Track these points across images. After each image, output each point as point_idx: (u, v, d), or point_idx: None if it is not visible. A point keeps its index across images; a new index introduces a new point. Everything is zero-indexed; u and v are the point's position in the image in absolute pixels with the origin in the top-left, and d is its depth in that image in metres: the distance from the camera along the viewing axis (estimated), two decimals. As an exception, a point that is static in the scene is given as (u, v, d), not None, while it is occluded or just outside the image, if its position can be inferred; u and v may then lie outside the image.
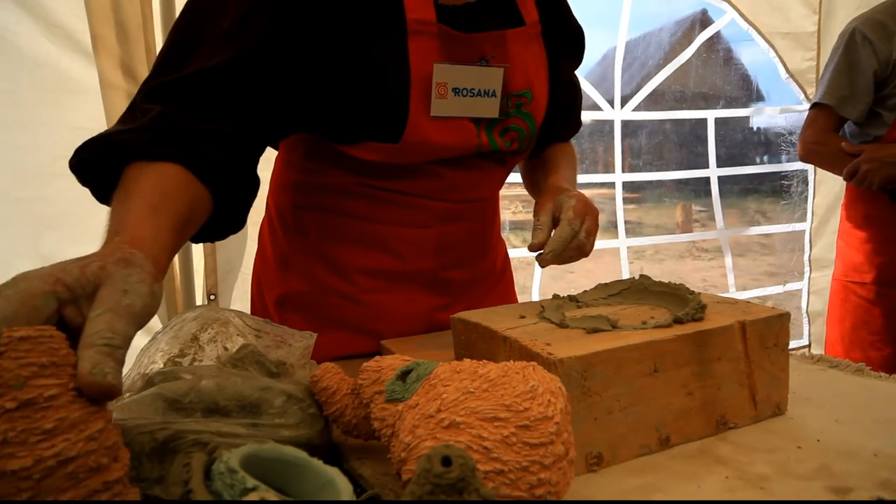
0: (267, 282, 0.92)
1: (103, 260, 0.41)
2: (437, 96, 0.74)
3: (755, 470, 0.48)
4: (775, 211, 2.73)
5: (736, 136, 2.73)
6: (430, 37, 0.73)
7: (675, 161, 2.63)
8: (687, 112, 2.54)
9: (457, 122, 0.77)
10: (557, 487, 0.38)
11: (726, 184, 2.59)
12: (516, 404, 0.39)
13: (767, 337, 0.58)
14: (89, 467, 0.32)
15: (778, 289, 2.67)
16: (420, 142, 0.74)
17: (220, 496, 0.31)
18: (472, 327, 0.63)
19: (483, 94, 0.77)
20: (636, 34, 2.58)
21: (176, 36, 0.67)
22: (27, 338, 0.33)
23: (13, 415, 0.31)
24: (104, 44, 1.27)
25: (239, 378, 0.52)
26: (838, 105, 1.51)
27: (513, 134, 0.83)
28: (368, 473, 0.51)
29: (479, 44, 0.77)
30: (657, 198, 3.22)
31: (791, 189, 2.60)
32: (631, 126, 2.45)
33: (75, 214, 1.32)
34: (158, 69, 0.66)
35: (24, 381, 0.32)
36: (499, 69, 0.78)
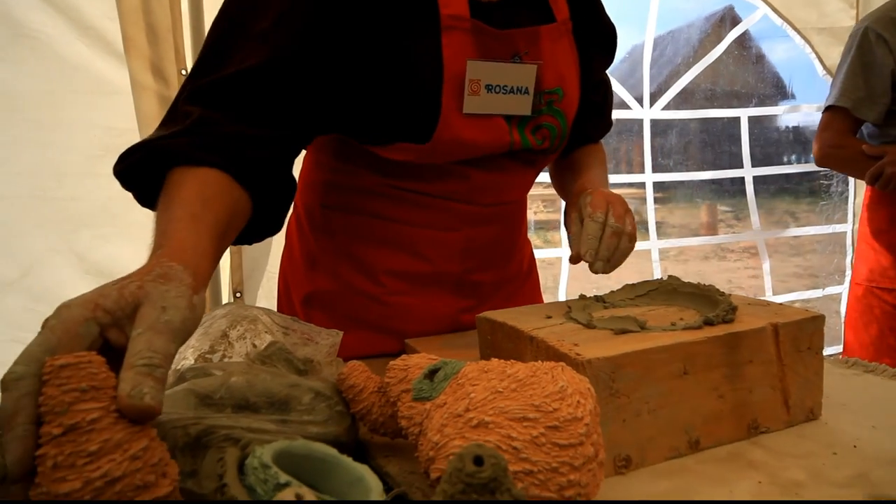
0: (294, 280, 0.93)
1: (141, 279, 0.42)
2: (469, 93, 0.73)
3: (789, 476, 0.47)
4: (813, 212, 2.66)
5: (769, 135, 2.67)
6: (464, 32, 0.73)
7: (705, 161, 2.58)
8: (719, 111, 2.49)
9: (489, 120, 0.76)
10: (587, 489, 0.38)
11: (759, 184, 2.53)
12: (545, 405, 0.39)
13: (801, 340, 0.57)
14: (136, 486, 0.33)
15: (817, 293, 2.60)
16: (451, 140, 0.74)
17: (253, 490, 0.31)
18: (497, 327, 0.62)
19: (516, 91, 0.76)
20: (663, 30, 2.54)
21: (215, 36, 0.68)
22: (67, 365, 0.34)
23: (60, 440, 0.33)
24: (135, 45, 1.30)
25: (268, 375, 0.53)
26: (854, 107, 1.46)
27: (545, 132, 0.82)
28: (395, 471, 0.51)
29: (513, 40, 0.76)
30: (685, 198, 3.17)
31: (830, 189, 2.53)
32: (660, 125, 2.41)
33: (109, 213, 1.35)
34: (198, 70, 0.67)
35: (67, 406, 0.33)
36: (532, 66, 0.77)
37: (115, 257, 1.36)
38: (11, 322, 1.31)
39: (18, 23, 1.26)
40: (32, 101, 1.29)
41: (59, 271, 1.35)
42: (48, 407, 0.34)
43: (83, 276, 1.35)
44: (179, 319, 0.40)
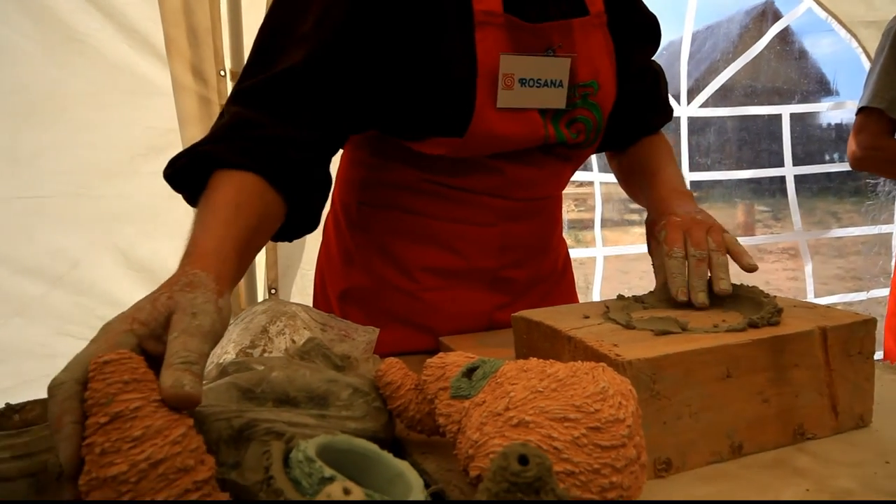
0: (330, 276, 0.94)
1: (170, 290, 0.46)
2: (503, 87, 0.73)
3: (838, 484, 0.46)
4: (857, 212, 2.57)
5: (812, 132, 2.58)
6: (497, 27, 0.73)
7: (744, 159, 2.52)
8: (759, 108, 2.42)
9: (523, 114, 0.76)
10: (629, 492, 0.37)
11: (801, 183, 2.45)
12: (587, 405, 0.38)
13: (851, 344, 0.55)
14: (177, 468, 0.35)
15: (860, 296, 2.51)
16: (486, 133, 0.74)
17: (298, 484, 0.32)
18: (534, 326, 0.62)
19: (550, 84, 0.76)
20: (701, 25, 2.48)
21: (260, 40, 0.71)
22: (110, 361, 0.37)
23: (106, 428, 0.35)
24: (176, 47, 1.34)
25: (307, 370, 0.54)
26: (889, 107, 1.41)
27: (580, 125, 0.81)
28: (432, 468, 0.51)
29: (546, 33, 0.76)
30: (722, 197, 3.10)
31: (878, 189, 2.44)
32: (698, 123, 2.36)
33: (150, 210, 1.39)
34: (245, 73, 0.70)
35: (111, 398, 0.36)
36: (566, 59, 0.77)
37: (157, 253, 1.41)
38: (60, 316, 1.36)
39: (67, 26, 1.30)
40: (79, 101, 1.33)
41: (104, 267, 1.39)
42: (94, 400, 0.36)
43: (126, 271, 1.39)
44: (209, 322, 0.44)
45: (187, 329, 0.42)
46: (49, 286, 1.35)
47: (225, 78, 1.41)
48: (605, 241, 2.35)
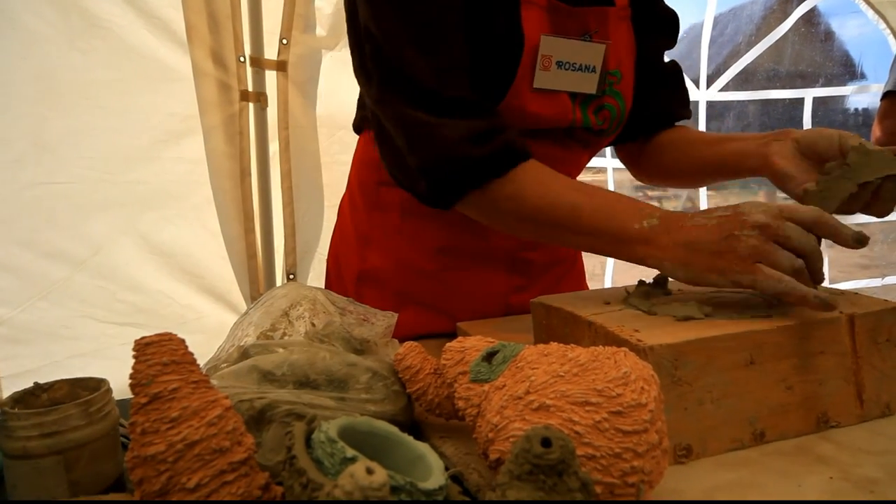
0: (346, 258, 0.94)
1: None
2: (541, 68, 0.74)
3: (863, 472, 0.45)
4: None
5: (835, 117, 2.52)
6: (540, 8, 0.74)
7: (764, 144, 2.47)
8: (781, 92, 2.37)
9: (555, 96, 0.77)
10: (651, 476, 0.37)
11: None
12: (608, 390, 0.38)
13: (879, 332, 0.54)
14: (213, 449, 0.36)
15: (875, 282, 2.47)
16: (518, 110, 0.75)
17: (320, 464, 0.32)
18: (554, 312, 0.62)
19: (584, 69, 0.77)
20: (725, 8, 2.42)
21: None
22: (151, 343, 0.38)
23: (147, 408, 0.36)
24: (197, 33, 1.34)
25: (327, 353, 0.54)
26: None
27: (605, 113, 0.82)
28: (451, 452, 0.52)
29: (585, 18, 0.77)
30: (740, 184, 3.03)
31: (896, 174, 2.38)
32: (717, 107, 2.32)
33: (171, 196, 1.41)
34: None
35: (151, 379, 0.37)
36: (601, 45, 0.78)
37: (177, 238, 1.43)
38: (82, 299, 1.39)
39: (91, 14, 1.31)
40: (102, 88, 1.35)
41: (126, 251, 1.42)
42: (136, 380, 0.37)
43: (147, 255, 1.41)
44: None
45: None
46: (72, 270, 1.38)
47: (245, 64, 1.41)
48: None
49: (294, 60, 1.42)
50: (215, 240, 1.44)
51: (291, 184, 1.47)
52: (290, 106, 1.43)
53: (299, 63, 1.42)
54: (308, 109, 1.47)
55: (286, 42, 1.40)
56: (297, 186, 1.48)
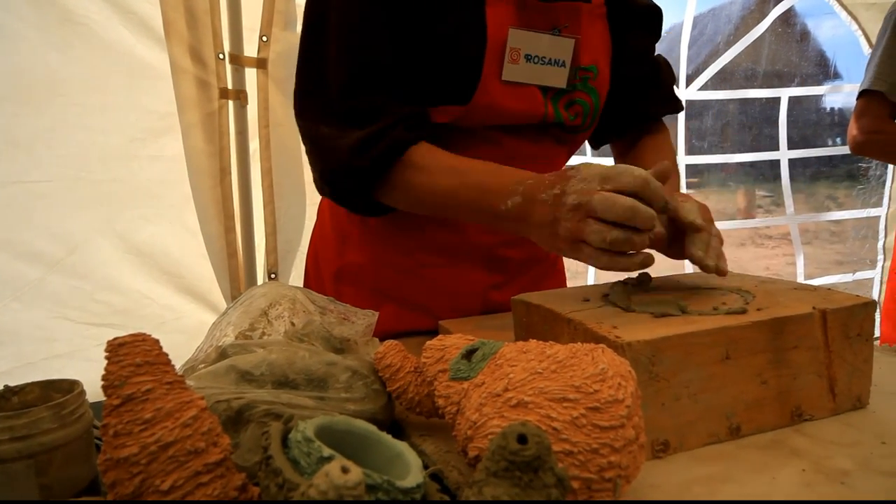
0: (325, 255, 0.94)
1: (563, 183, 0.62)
2: (509, 61, 0.75)
3: (835, 464, 0.46)
4: (849, 196, 2.57)
5: (809, 116, 2.57)
6: (507, 3, 0.75)
7: (742, 143, 2.51)
8: (758, 91, 2.40)
9: (525, 90, 0.78)
10: (628, 471, 0.38)
11: (797, 167, 2.45)
12: (586, 386, 0.38)
13: (850, 326, 0.55)
14: (187, 451, 0.35)
15: (846, 277, 2.52)
16: (489, 104, 0.76)
17: (297, 463, 0.32)
18: (534, 309, 0.62)
19: (553, 63, 0.78)
20: (704, 8, 2.45)
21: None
22: (125, 343, 0.38)
23: (119, 410, 0.36)
24: (175, 30, 1.32)
25: (306, 353, 0.54)
26: (891, 90, 1.41)
27: (577, 108, 0.82)
28: (430, 450, 0.52)
29: (554, 13, 0.78)
30: (719, 182, 3.08)
31: (869, 173, 2.44)
32: (696, 106, 2.35)
33: (149, 194, 1.39)
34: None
35: (124, 380, 0.36)
36: (570, 40, 0.78)
37: (155, 237, 1.40)
38: (58, 300, 1.36)
39: (66, 10, 1.29)
40: (78, 85, 1.32)
41: (102, 251, 1.39)
42: (108, 381, 0.36)
43: (125, 255, 1.39)
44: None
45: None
46: (47, 270, 1.35)
47: (224, 61, 1.39)
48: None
49: (274, 58, 1.40)
50: (195, 239, 1.42)
51: (272, 182, 1.46)
52: (270, 104, 1.42)
53: (279, 60, 1.41)
54: (289, 107, 1.46)
55: (266, 39, 1.39)
56: (279, 185, 1.47)
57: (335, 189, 0.78)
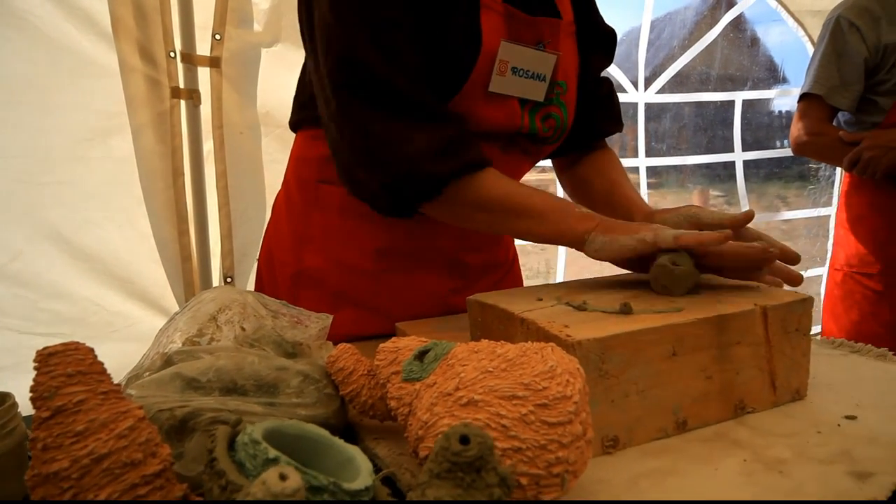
0: (281, 257, 0.92)
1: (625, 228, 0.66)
2: (498, 73, 0.76)
3: (773, 454, 0.48)
4: (800, 196, 2.67)
5: (761, 119, 2.66)
6: (498, 14, 0.75)
7: (699, 145, 2.58)
8: (713, 94, 2.48)
9: (505, 101, 0.79)
10: (575, 466, 0.38)
11: (750, 168, 2.53)
12: (535, 383, 0.39)
13: (789, 322, 0.57)
14: (123, 463, 0.34)
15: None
16: (468, 112, 0.76)
17: (242, 466, 0.31)
18: (488, 309, 0.62)
19: (535, 77, 0.79)
20: (661, 13, 2.51)
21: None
22: (55, 353, 0.36)
23: (49, 423, 0.34)
24: (123, 27, 1.28)
25: (256, 358, 0.53)
26: (828, 94, 1.47)
27: (551, 121, 0.84)
28: (384, 453, 0.51)
29: (538, 28, 0.79)
30: (677, 183, 3.15)
31: (819, 173, 2.54)
32: (654, 109, 2.40)
33: (97, 197, 1.34)
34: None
35: (54, 391, 0.35)
36: (553, 55, 0.80)
37: (104, 241, 1.35)
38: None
39: (4, 2, 1.23)
40: (19, 83, 1.26)
41: (47, 257, 1.33)
42: (37, 393, 0.35)
43: (72, 261, 1.34)
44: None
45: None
46: (-12, 278, 1.29)
47: (175, 59, 1.35)
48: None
49: (228, 56, 1.37)
50: (146, 243, 1.38)
51: (227, 184, 1.42)
52: (224, 103, 1.39)
53: (233, 59, 1.37)
54: (245, 107, 1.43)
55: (219, 38, 1.36)
56: (234, 187, 1.44)
57: (398, 195, 0.72)
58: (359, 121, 0.71)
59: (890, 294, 1.46)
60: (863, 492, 0.42)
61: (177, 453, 0.44)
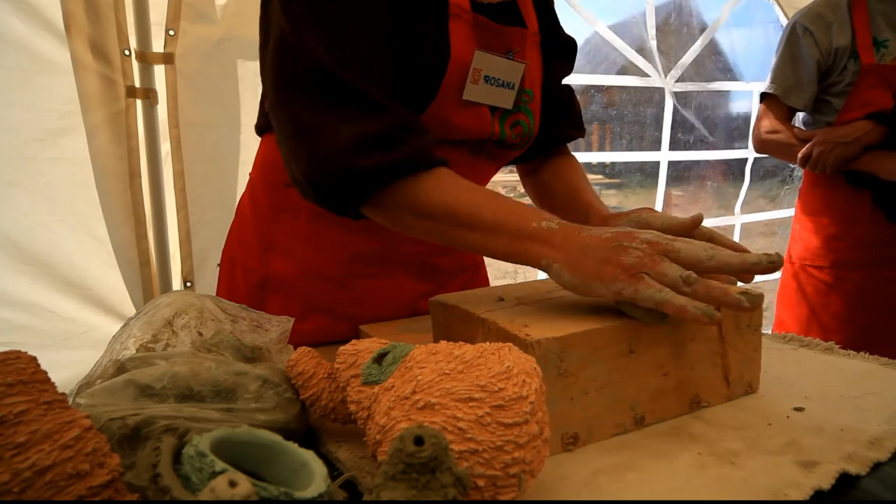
0: (245, 262, 0.90)
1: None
2: (471, 81, 0.76)
3: (726, 446, 0.49)
4: (764, 197, 2.76)
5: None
6: (466, 23, 0.76)
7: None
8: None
9: (477, 109, 0.79)
10: (532, 466, 0.38)
11: (716, 168, 2.59)
12: (491, 385, 0.39)
13: (741, 318, 0.59)
14: (68, 474, 0.33)
15: (775, 275, 2.70)
16: (441, 119, 0.75)
17: (188, 479, 0.30)
18: (450, 310, 0.62)
19: (505, 85, 0.80)
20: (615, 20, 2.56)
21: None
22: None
23: None
24: (75, 23, 1.23)
25: (213, 363, 0.52)
26: (784, 94, 1.55)
27: (519, 128, 0.85)
28: (345, 457, 0.51)
29: (508, 37, 0.80)
30: (640, 183, 3.22)
31: (783, 174, 2.64)
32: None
33: (49, 200, 1.29)
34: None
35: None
36: (522, 64, 0.81)
37: (57, 246, 1.30)
38: (-56, 317, 1.24)
39: (-58, -3, 1.18)
40: (-38, 81, 1.21)
41: (-4, 262, 1.28)
42: None
43: (22, 266, 1.28)
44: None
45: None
46: (-70, 285, 1.23)
47: (130, 57, 1.32)
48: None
49: (182, 52, 1.33)
50: (103, 247, 1.33)
51: (185, 185, 1.39)
52: (180, 102, 1.35)
53: (188, 55, 1.34)
54: (203, 105, 1.39)
55: (173, 33, 1.32)
56: (193, 188, 1.40)
57: (323, 190, 0.67)
58: (290, 109, 0.67)
59: (839, 286, 1.53)
60: (809, 480, 0.43)
61: (129, 463, 0.42)
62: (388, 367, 0.45)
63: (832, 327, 1.53)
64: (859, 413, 0.54)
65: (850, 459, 0.46)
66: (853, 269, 1.52)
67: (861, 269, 1.50)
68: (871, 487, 0.44)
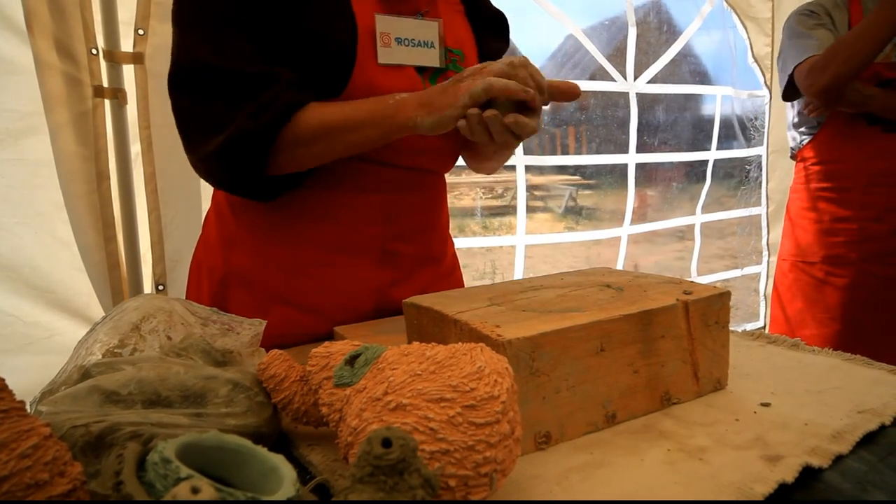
0: (209, 263, 0.90)
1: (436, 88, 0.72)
2: (382, 45, 0.79)
3: (695, 442, 0.50)
4: (733, 196, 2.82)
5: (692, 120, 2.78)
6: None
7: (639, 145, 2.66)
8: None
9: (401, 70, 0.82)
10: (503, 465, 0.39)
11: (689, 168, 2.64)
12: (463, 385, 0.39)
13: (709, 315, 0.60)
14: (27, 484, 0.32)
15: (736, 273, 2.76)
16: (366, 86, 0.78)
17: (152, 487, 0.30)
18: (423, 311, 0.62)
19: (423, 44, 0.83)
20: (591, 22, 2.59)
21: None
22: None
23: None
24: (38, 21, 1.20)
25: (182, 368, 0.51)
26: (819, 48, 1.46)
27: None
28: (318, 460, 0.50)
29: (413, 1, 0.84)
30: (612, 185, 3.26)
31: (750, 174, 2.70)
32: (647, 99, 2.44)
33: (9, 202, 1.25)
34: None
35: None
36: (435, 21, 0.84)
37: (17, 249, 1.26)
38: None
39: None
40: (-82, 80, 1.17)
41: (-44, 267, 1.24)
42: None
43: (-17, 270, 1.24)
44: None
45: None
46: None
47: (97, 57, 1.28)
48: (514, 228, 2.37)
49: (152, 52, 1.31)
50: (67, 249, 1.30)
51: (157, 187, 1.36)
52: (150, 102, 1.33)
53: (158, 55, 1.31)
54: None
55: (143, 33, 1.30)
56: (165, 190, 1.37)
57: (228, 164, 0.74)
58: (180, 103, 0.76)
59: (831, 281, 1.58)
60: (773, 474, 0.44)
61: (93, 471, 0.41)
62: (361, 369, 0.45)
63: (826, 321, 1.58)
64: (823, 408, 0.56)
65: (814, 453, 0.48)
66: (844, 264, 1.56)
67: (852, 264, 1.55)
68: (833, 480, 0.45)
